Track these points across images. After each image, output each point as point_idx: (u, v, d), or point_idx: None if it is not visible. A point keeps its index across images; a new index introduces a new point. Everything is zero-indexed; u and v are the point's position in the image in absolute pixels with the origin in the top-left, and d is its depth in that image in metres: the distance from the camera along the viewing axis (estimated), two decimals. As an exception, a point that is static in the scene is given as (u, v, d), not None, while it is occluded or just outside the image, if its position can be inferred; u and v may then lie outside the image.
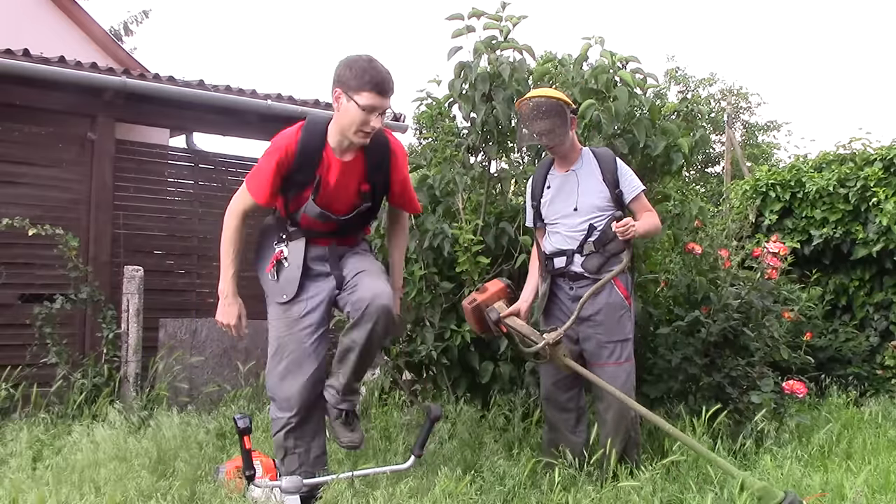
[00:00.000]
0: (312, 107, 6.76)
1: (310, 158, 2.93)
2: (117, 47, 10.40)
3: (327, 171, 2.96)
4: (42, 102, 5.74)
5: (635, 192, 3.49)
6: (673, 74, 18.03)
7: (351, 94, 2.82)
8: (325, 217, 3.00)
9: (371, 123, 2.83)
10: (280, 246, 3.07)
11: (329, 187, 2.97)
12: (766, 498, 2.61)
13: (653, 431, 4.02)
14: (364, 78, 2.80)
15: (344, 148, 2.95)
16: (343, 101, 2.85)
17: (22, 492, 2.99)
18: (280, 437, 3.00)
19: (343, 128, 2.89)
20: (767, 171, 7.55)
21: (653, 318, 4.58)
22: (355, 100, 2.81)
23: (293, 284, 3.01)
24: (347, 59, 2.87)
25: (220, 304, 3.07)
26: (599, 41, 4.35)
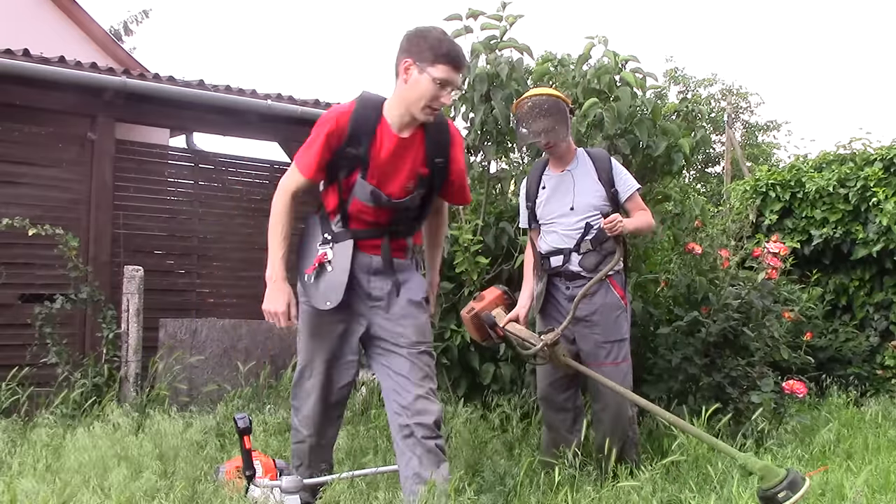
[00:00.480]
0: (312, 107, 6.77)
1: (363, 130, 2.71)
2: (117, 47, 10.40)
3: (380, 146, 2.73)
4: (42, 102, 5.74)
5: (630, 190, 3.51)
6: (672, 75, 18.03)
7: (425, 65, 2.62)
8: (376, 198, 2.74)
9: (441, 99, 2.66)
10: (324, 248, 2.81)
11: (382, 164, 2.74)
12: (769, 477, 2.62)
13: (652, 431, 4.02)
14: (441, 49, 2.63)
15: (404, 124, 2.74)
16: (414, 72, 2.65)
17: (22, 492, 2.99)
18: (300, 449, 2.96)
19: (410, 102, 2.68)
20: (767, 171, 7.56)
21: (653, 318, 4.58)
22: (429, 72, 2.62)
23: (338, 291, 2.74)
24: (419, 29, 2.69)
25: (267, 291, 2.76)
26: (603, 41, 4.35)
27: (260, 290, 3.16)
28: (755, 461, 2.71)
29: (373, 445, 3.82)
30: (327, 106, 6.91)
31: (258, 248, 6.76)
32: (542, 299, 3.50)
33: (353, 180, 2.76)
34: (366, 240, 2.81)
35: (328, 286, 2.76)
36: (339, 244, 2.79)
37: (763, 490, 2.63)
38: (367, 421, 4.33)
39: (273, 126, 6.72)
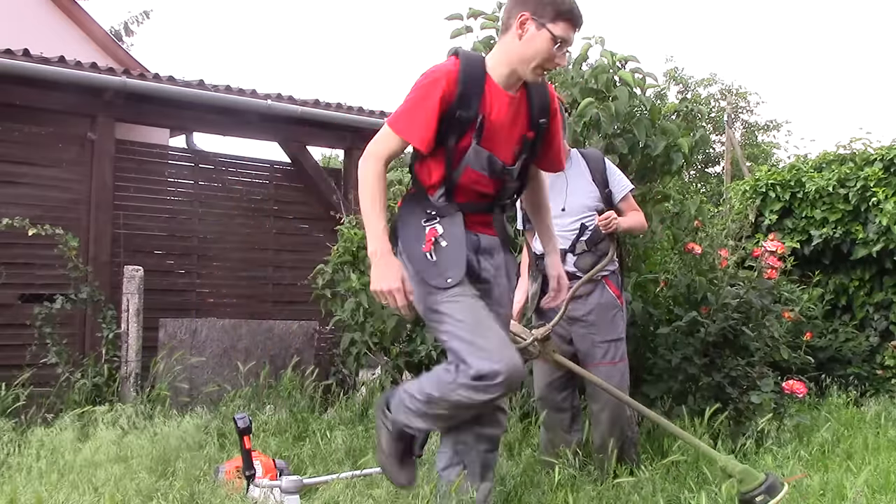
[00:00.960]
0: (312, 107, 6.78)
1: (473, 90, 2.44)
2: (117, 47, 10.41)
3: (491, 107, 2.48)
4: (42, 102, 5.74)
5: (624, 191, 3.53)
6: (672, 75, 18.03)
7: (544, 20, 2.41)
8: (492, 165, 2.48)
9: (556, 60, 2.45)
10: (431, 224, 2.47)
11: (494, 127, 2.49)
12: (748, 480, 2.64)
13: (652, 431, 4.02)
14: (563, 6, 2.42)
15: (510, 83, 2.51)
16: (531, 28, 2.42)
17: (22, 492, 2.99)
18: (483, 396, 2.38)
19: (524, 59, 2.45)
20: (767, 171, 7.56)
21: (653, 318, 4.58)
22: (549, 28, 2.40)
23: (460, 264, 2.42)
24: None
25: (374, 269, 2.41)
26: (600, 41, 4.35)
27: (260, 290, 3.16)
28: (735, 464, 2.72)
29: (373, 445, 3.81)
30: (327, 106, 6.92)
31: (258, 248, 6.80)
32: (538, 299, 3.50)
33: (463, 147, 2.47)
34: (474, 214, 2.55)
35: (446, 262, 2.43)
36: (447, 218, 2.47)
37: (742, 493, 2.64)
38: (367, 421, 4.33)
39: (273, 126, 6.72)
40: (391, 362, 4.73)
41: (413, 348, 4.49)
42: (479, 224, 2.57)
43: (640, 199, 4.46)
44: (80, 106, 5.87)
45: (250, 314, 6.26)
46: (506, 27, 2.49)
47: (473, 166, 2.47)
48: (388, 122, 2.52)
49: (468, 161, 2.47)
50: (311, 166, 7.05)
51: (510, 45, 2.47)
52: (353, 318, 4.70)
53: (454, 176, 2.48)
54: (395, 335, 4.56)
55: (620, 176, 3.56)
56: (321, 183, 7.00)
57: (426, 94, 2.43)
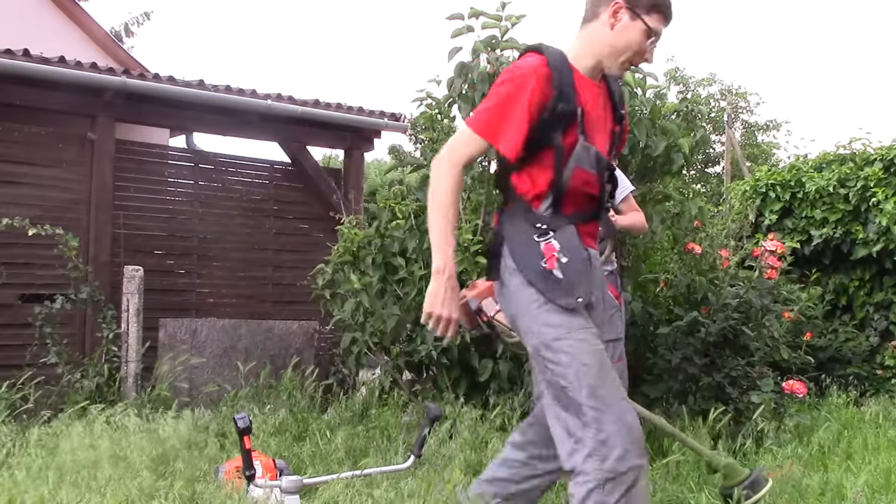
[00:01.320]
0: (312, 107, 6.77)
1: (566, 81, 2.23)
2: (117, 47, 10.40)
3: (584, 99, 2.27)
4: (42, 102, 5.74)
5: (625, 192, 3.51)
6: (673, 75, 18.02)
7: (640, 11, 2.26)
8: (599, 162, 2.27)
9: (646, 55, 2.31)
10: (545, 239, 2.22)
11: (591, 119, 2.28)
12: (732, 475, 2.65)
13: (652, 431, 4.01)
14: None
15: (594, 76, 2.35)
16: (624, 17, 2.26)
17: (21, 493, 2.99)
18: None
19: (614, 51, 2.29)
20: (767, 171, 7.56)
21: (653, 318, 4.58)
22: (644, 19, 2.25)
23: (584, 281, 2.23)
24: None
25: (434, 288, 2.19)
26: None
27: (260, 290, 3.16)
28: (720, 459, 2.73)
29: (373, 445, 3.82)
30: (327, 106, 6.92)
31: (258, 248, 6.80)
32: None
33: (570, 144, 2.23)
34: (584, 224, 2.30)
35: (571, 280, 2.19)
36: (559, 232, 2.23)
37: (725, 488, 2.65)
38: (367, 421, 4.33)
39: (273, 126, 6.72)
40: (391, 362, 4.73)
41: (413, 348, 4.49)
42: (588, 236, 2.34)
43: (640, 199, 4.46)
44: (80, 106, 5.87)
45: (250, 314, 6.26)
46: (593, 15, 2.31)
47: (583, 165, 2.23)
48: (470, 123, 2.28)
49: (577, 159, 2.22)
50: (311, 166, 7.05)
51: (599, 35, 2.29)
52: (353, 318, 4.70)
53: (564, 179, 2.22)
54: (395, 335, 4.56)
55: (622, 177, 3.54)
56: (321, 183, 7.00)
57: (515, 95, 2.19)
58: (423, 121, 4.81)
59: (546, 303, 2.18)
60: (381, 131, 7.39)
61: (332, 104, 7.01)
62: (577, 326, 2.17)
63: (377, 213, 4.95)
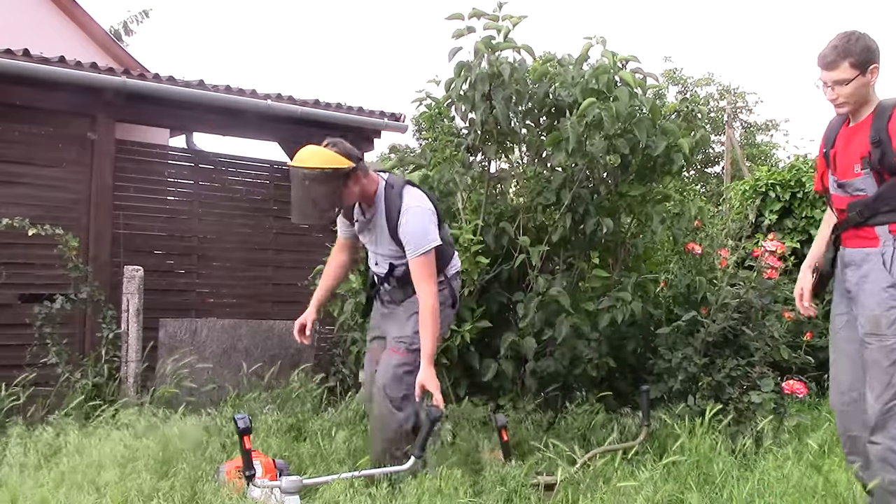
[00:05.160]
0: (312, 107, 6.77)
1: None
2: (117, 47, 10.41)
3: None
4: (42, 102, 5.73)
5: (413, 254, 3.26)
6: (670, 75, 18.01)
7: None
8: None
9: (827, 95, 2.97)
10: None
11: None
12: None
13: (655, 431, 4.02)
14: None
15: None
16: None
17: (23, 493, 2.99)
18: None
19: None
20: (767, 171, 7.56)
21: (653, 318, 4.59)
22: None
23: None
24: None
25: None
26: (601, 41, 4.35)
27: (260, 290, 3.16)
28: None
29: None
30: (327, 106, 6.92)
31: (258, 248, 6.79)
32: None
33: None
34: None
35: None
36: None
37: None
38: (367, 421, 4.33)
39: (273, 126, 6.72)
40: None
41: (413, 348, 4.49)
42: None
43: (640, 198, 4.47)
44: (80, 106, 5.86)
45: (250, 314, 6.26)
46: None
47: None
48: None
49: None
50: (311, 166, 7.04)
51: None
52: (353, 318, 4.70)
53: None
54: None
55: (414, 235, 3.25)
56: (321, 183, 6.99)
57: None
58: (423, 120, 4.82)
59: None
60: (381, 131, 7.39)
61: (332, 104, 7.00)
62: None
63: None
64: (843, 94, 2.86)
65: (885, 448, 2.74)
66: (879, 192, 2.83)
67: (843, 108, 2.92)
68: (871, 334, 2.82)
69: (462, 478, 3.13)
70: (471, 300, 4.41)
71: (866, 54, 2.83)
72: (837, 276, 3.04)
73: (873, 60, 2.84)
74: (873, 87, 2.89)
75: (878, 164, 2.80)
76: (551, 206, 4.43)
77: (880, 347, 2.79)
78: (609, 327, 4.27)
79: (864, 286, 2.86)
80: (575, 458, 3.48)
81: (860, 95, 2.87)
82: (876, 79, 2.86)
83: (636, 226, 4.67)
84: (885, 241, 2.81)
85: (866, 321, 2.84)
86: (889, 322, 2.77)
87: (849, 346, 2.97)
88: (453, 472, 3.17)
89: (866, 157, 2.83)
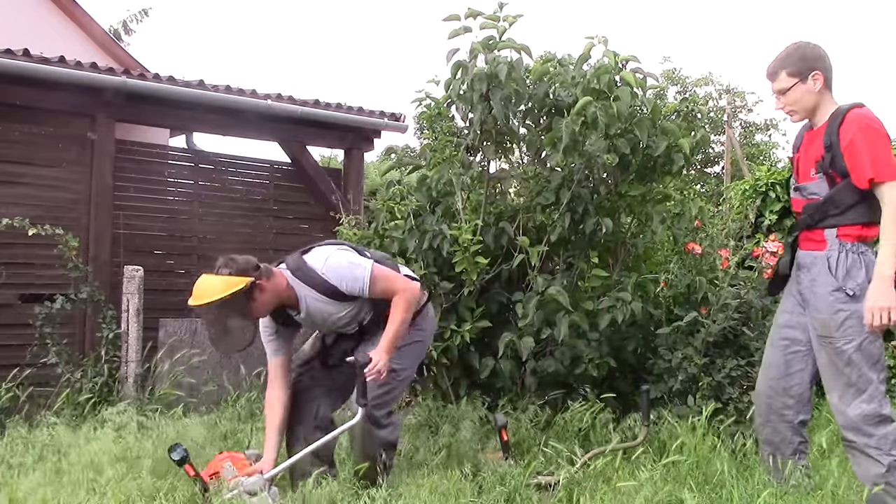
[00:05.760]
0: (312, 107, 6.78)
1: None
2: (117, 47, 10.41)
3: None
4: (42, 102, 5.74)
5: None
6: (669, 75, 17.99)
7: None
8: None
9: (776, 105, 3.12)
10: None
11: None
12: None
13: (654, 432, 4.02)
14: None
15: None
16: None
17: (24, 493, 2.99)
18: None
19: None
20: (767, 170, 7.55)
21: (653, 318, 4.58)
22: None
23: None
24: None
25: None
26: (603, 41, 4.34)
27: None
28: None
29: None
30: (327, 106, 6.92)
31: (258, 249, 6.79)
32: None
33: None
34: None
35: None
36: None
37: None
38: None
39: (273, 126, 6.72)
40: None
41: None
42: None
43: (640, 198, 4.47)
44: (80, 106, 5.87)
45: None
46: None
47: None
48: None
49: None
50: (311, 166, 7.05)
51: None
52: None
53: None
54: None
55: (348, 279, 3.11)
56: (321, 183, 7.01)
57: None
58: (423, 119, 4.83)
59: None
60: (381, 131, 7.39)
61: (332, 104, 7.01)
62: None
63: (375, 213, 4.96)
64: (788, 103, 3.02)
65: (863, 445, 2.85)
66: (829, 195, 2.93)
67: (792, 115, 3.07)
68: (822, 337, 2.92)
69: (462, 478, 3.13)
70: (470, 300, 4.41)
71: (804, 63, 2.97)
72: (792, 277, 3.14)
73: (814, 68, 2.97)
74: (824, 92, 2.99)
75: (830, 167, 2.90)
76: (550, 205, 4.43)
77: (831, 350, 2.89)
78: (609, 327, 4.26)
79: (815, 290, 2.96)
80: (574, 459, 3.48)
81: (805, 102, 3.00)
82: (821, 85, 2.97)
83: (636, 226, 4.67)
84: (832, 245, 2.91)
85: (818, 325, 2.95)
86: (836, 325, 2.86)
87: (782, 342, 3.11)
88: (453, 472, 3.17)
89: (820, 160, 2.94)
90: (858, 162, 2.82)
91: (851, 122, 2.88)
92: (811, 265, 2.98)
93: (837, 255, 2.89)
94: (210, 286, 3.01)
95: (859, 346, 2.83)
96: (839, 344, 2.86)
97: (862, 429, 2.84)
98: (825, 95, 3.00)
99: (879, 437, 2.82)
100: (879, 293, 2.76)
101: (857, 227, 2.88)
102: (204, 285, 3.02)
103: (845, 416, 2.88)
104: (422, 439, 4.01)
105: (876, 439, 2.82)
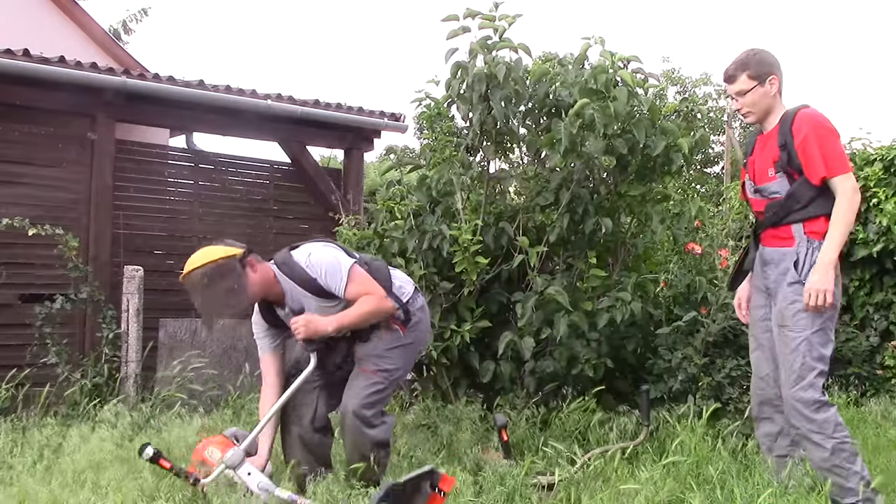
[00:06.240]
0: (312, 107, 6.78)
1: None
2: (117, 47, 10.41)
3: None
4: (42, 102, 5.74)
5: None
6: (669, 75, 17.97)
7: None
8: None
9: (734, 106, 3.29)
10: None
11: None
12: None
13: (654, 432, 4.02)
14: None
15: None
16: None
17: (24, 493, 2.99)
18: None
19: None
20: (767, 170, 7.55)
21: (653, 318, 4.58)
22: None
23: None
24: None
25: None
26: (600, 41, 4.34)
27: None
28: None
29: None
30: (327, 106, 6.92)
31: (258, 249, 6.76)
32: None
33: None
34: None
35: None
36: None
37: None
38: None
39: (273, 126, 6.72)
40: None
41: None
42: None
43: (639, 198, 4.47)
44: (80, 106, 5.87)
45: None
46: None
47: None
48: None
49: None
50: (311, 166, 7.06)
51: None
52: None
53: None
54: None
55: (329, 273, 3.16)
56: (321, 183, 7.01)
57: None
58: (423, 119, 4.82)
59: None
60: (381, 131, 7.39)
61: (332, 104, 7.01)
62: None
63: (374, 213, 4.96)
64: (746, 104, 3.16)
65: (807, 430, 3.03)
66: (791, 191, 3.06)
67: (748, 117, 3.22)
68: (780, 326, 3.09)
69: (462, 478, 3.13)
70: (470, 300, 4.41)
71: (762, 67, 3.15)
72: (757, 273, 3.26)
73: (771, 72, 3.15)
74: (777, 97, 3.18)
75: (787, 165, 3.05)
76: (550, 206, 4.43)
77: (783, 337, 3.07)
78: (609, 327, 4.26)
79: (782, 283, 3.08)
80: (574, 459, 3.48)
81: (762, 105, 3.16)
82: (776, 89, 3.16)
83: (636, 226, 4.67)
84: (800, 241, 3.03)
85: (776, 314, 3.11)
86: (791, 314, 3.02)
87: (764, 337, 3.24)
88: (453, 471, 3.17)
89: (777, 160, 3.07)
90: (811, 160, 2.97)
91: (802, 122, 3.04)
92: (779, 261, 3.10)
93: (805, 252, 3.01)
94: (203, 254, 3.07)
95: (808, 337, 3.03)
96: (790, 333, 3.03)
97: (804, 413, 3.01)
98: (777, 100, 3.18)
99: (821, 422, 3.01)
100: (820, 276, 2.92)
101: (822, 218, 2.99)
102: (196, 255, 3.08)
103: (787, 402, 3.07)
104: (421, 439, 4.01)
105: (817, 424, 3.00)
